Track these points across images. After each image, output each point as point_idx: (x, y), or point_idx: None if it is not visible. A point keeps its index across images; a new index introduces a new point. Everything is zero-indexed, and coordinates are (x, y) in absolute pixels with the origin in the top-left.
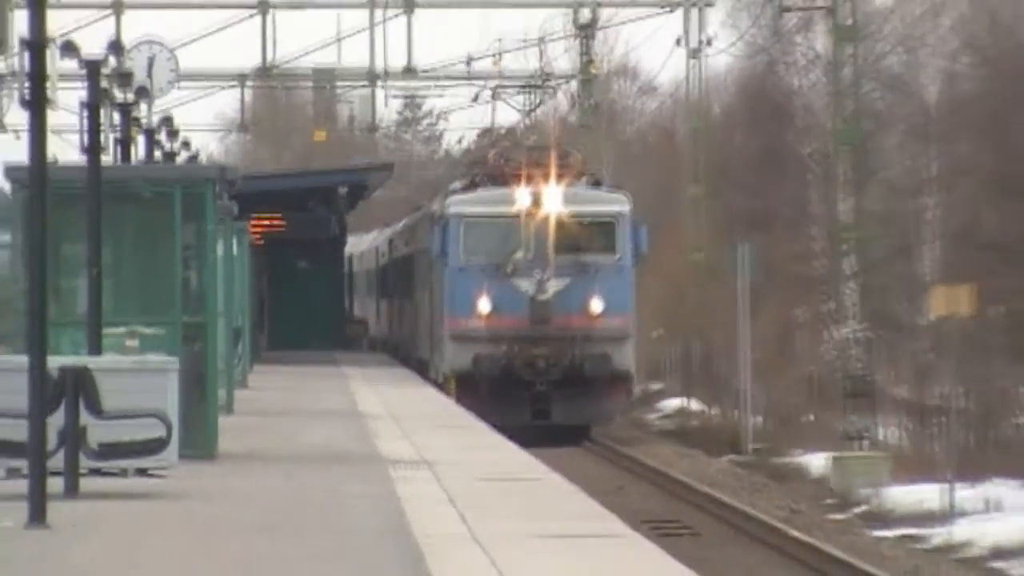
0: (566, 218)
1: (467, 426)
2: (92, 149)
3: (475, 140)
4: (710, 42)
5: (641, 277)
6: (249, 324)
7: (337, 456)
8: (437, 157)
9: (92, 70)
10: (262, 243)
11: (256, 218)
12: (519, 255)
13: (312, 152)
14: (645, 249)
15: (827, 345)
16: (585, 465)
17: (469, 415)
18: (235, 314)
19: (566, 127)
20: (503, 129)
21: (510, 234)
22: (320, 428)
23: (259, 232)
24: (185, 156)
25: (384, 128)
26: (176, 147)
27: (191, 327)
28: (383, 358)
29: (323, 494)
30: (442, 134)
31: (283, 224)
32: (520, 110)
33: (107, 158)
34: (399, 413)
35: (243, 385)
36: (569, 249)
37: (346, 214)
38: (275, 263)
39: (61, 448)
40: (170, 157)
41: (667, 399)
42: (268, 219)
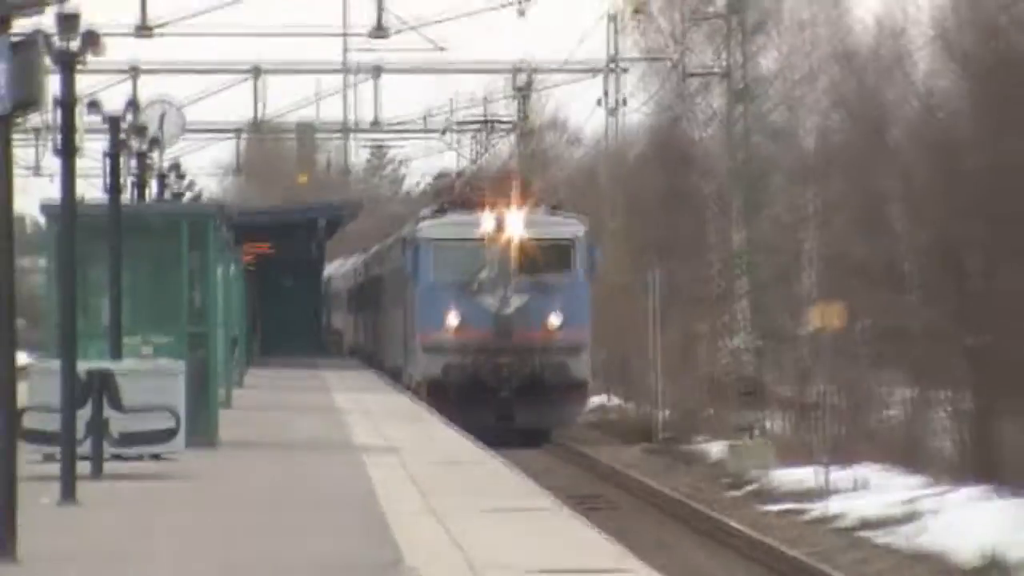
0: (526, 241)
1: (427, 420)
2: (113, 190)
3: (431, 182)
4: (625, 102)
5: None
6: (244, 333)
7: (319, 444)
8: (399, 196)
9: (113, 124)
10: (254, 266)
11: (249, 245)
12: (484, 274)
13: (295, 192)
14: (599, 268)
15: (723, 352)
16: (521, 451)
17: (429, 412)
18: (232, 325)
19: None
20: (455, 172)
21: (476, 255)
22: (304, 421)
23: (251, 256)
24: (190, 196)
25: (355, 172)
26: (183, 188)
27: (195, 336)
28: (357, 364)
29: (307, 475)
30: (404, 177)
31: (271, 250)
32: (469, 158)
33: (125, 197)
34: (370, 409)
35: (240, 384)
36: (530, 269)
37: (324, 242)
38: (265, 283)
39: (88, 437)
40: (178, 196)
41: (591, 396)
42: (259, 246)
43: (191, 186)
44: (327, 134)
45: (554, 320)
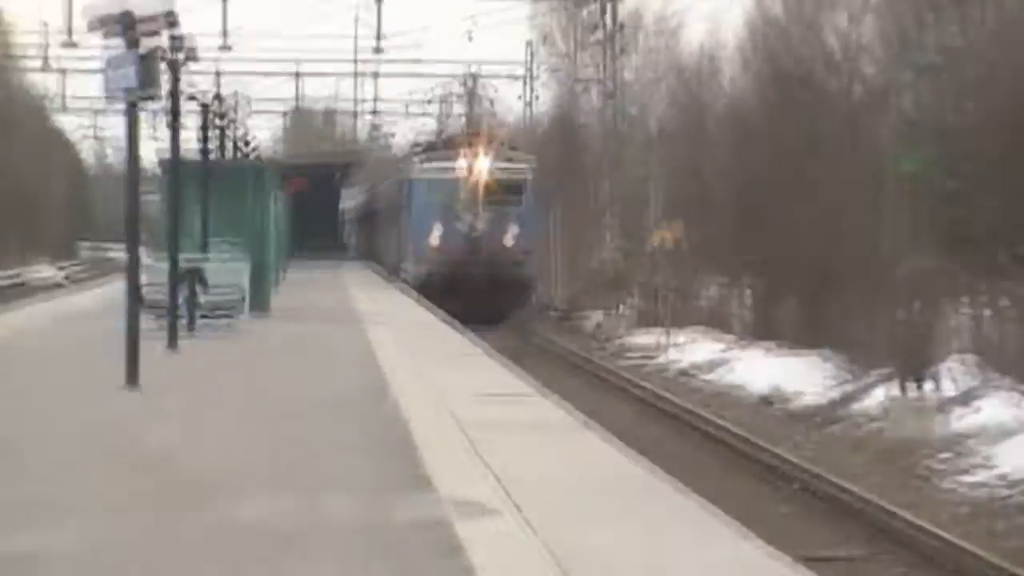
0: (490, 179)
1: (409, 303)
2: (203, 150)
3: (413, 140)
4: (538, 98)
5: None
6: (289, 240)
7: (336, 313)
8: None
9: (204, 108)
10: (295, 197)
11: (290, 183)
12: (459, 204)
13: (321, 152)
14: (549, 201)
15: (601, 256)
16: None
17: (408, 295)
18: (280, 235)
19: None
20: (438, 131)
21: (454, 189)
22: (327, 297)
23: (293, 190)
24: (255, 154)
25: (360, 140)
26: (249, 150)
27: (256, 241)
28: (363, 264)
29: (327, 333)
30: (392, 144)
31: (306, 187)
32: (435, 129)
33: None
34: (372, 294)
35: (284, 273)
36: (493, 200)
37: (340, 182)
38: (302, 208)
39: (185, 307)
40: (246, 156)
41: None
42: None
43: (255, 149)
44: (343, 115)
45: (510, 238)
